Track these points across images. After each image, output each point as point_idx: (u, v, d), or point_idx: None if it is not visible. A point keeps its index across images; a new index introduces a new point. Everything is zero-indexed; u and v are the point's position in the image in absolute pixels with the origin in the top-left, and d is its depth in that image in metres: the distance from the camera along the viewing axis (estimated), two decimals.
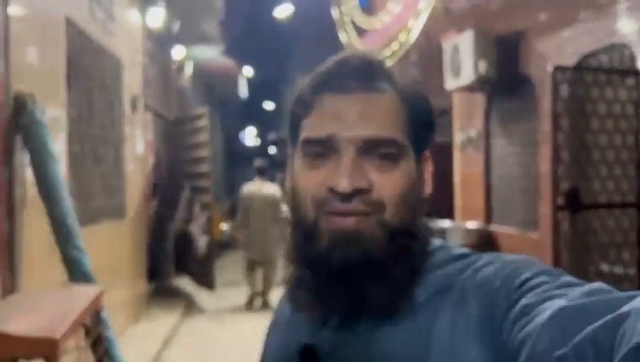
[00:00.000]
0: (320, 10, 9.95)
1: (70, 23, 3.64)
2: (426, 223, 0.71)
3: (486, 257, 0.66)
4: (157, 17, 6.37)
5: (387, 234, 0.64)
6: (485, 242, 5.26)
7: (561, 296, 0.52)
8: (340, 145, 0.64)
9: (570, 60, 3.90)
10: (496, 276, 0.60)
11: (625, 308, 0.45)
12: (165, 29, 6.84)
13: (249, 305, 6.88)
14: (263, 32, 17.44)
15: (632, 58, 3.44)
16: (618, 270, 3.42)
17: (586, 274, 3.41)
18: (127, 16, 5.42)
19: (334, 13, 8.09)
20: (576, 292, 0.51)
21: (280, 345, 0.78)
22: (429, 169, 0.73)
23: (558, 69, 3.31)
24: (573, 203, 3.32)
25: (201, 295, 7.07)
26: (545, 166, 4.17)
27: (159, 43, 7.16)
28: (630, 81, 3.40)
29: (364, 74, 0.67)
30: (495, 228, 5.40)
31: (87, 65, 4.01)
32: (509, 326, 0.54)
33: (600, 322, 0.45)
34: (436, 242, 0.72)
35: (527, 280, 0.57)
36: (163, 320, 5.79)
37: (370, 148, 0.64)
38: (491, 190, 5.56)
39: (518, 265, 0.61)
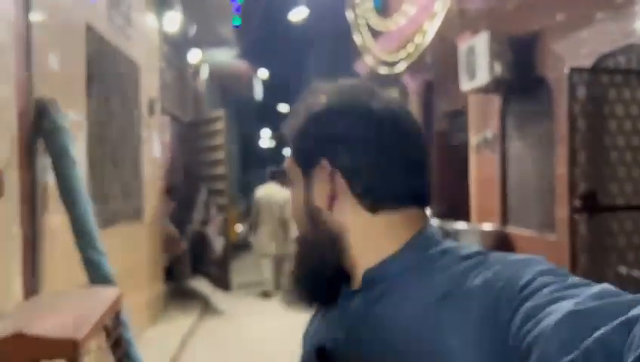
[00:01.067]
0: (334, 13, 9.97)
1: (90, 29, 3.70)
2: (331, 224, 0.78)
3: (491, 258, 0.66)
4: (173, 21, 6.44)
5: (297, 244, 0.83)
6: (501, 244, 5.23)
7: (569, 298, 0.51)
8: None
9: (586, 61, 3.87)
10: (500, 278, 0.60)
11: (635, 312, 0.45)
12: (181, 32, 6.91)
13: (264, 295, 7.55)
14: (278, 35, 17.50)
15: None
16: (636, 273, 3.39)
17: (603, 277, 3.38)
18: (144, 21, 5.49)
19: (349, 15, 8.10)
20: (584, 295, 0.51)
21: (306, 346, 0.83)
22: (324, 174, 0.77)
23: (575, 70, 3.29)
24: (590, 205, 3.29)
25: (217, 296, 7.12)
26: (561, 167, 4.14)
27: (175, 47, 7.23)
28: None
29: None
30: (511, 229, 5.37)
31: (106, 70, 4.07)
32: (514, 329, 0.54)
33: (610, 326, 0.45)
34: (447, 243, 0.73)
35: (531, 281, 0.57)
36: (180, 322, 5.84)
37: None
38: (507, 191, 5.53)
39: (522, 265, 0.61)
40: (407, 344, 0.64)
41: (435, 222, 5.42)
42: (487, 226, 5.49)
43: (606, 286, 0.53)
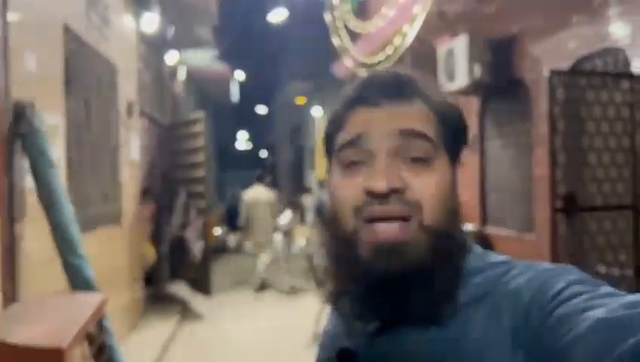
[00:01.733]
0: (313, 15, 9.97)
1: (67, 30, 3.63)
2: (462, 228, 0.71)
3: (520, 265, 0.66)
4: (151, 22, 6.36)
5: (428, 237, 0.64)
6: (481, 244, 5.28)
7: (601, 307, 0.51)
8: (373, 147, 0.66)
9: (563, 64, 3.94)
10: (531, 285, 0.61)
11: None
12: (159, 34, 6.82)
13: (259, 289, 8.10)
14: (257, 37, 17.44)
15: (626, 61, 3.48)
16: (615, 272, 3.45)
17: None
18: (121, 22, 5.41)
19: (327, 17, 8.11)
20: (616, 304, 0.51)
21: (325, 353, 0.79)
22: (461, 175, 0.74)
23: (555, 72, 3.34)
24: (570, 205, 3.34)
25: (197, 300, 7.05)
26: (540, 168, 4.20)
27: (153, 48, 7.14)
28: (625, 84, 3.43)
29: (394, 88, 0.69)
30: (490, 229, 5.43)
31: (83, 72, 4.00)
32: (545, 336, 0.54)
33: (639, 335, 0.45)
34: (475, 247, 0.73)
35: (563, 289, 0.57)
36: (160, 327, 5.76)
37: (402, 148, 0.66)
38: (486, 192, 5.59)
39: (553, 273, 0.61)
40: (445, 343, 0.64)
41: None
42: (467, 226, 5.54)
43: (639, 295, 0.53)
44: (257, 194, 8.19)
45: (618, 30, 3.55)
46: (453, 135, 0.70)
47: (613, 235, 3.47)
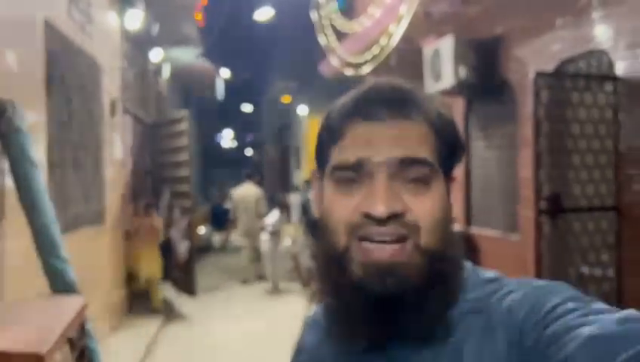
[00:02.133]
0: (300, 14, 9.94)
1: (48, 25, 3.56)
2: (459, 246, 0.70)
3: (514, 282, 0.66)
4: (135, 19, 6.28)
5: (424, 259, 0.63)
6: (465, 245, 5.31)
7: (593, 323, 0.51)
8: (372, 170, 0.64)
9: (548, 66, 3.97)
10: (524, 302, 0.60)
11: None
12: (143, 31, 6.75)
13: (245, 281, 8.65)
14: (242, 35, 17.34)
15: (610, 64, 3.51)
16: (597, 272, 3.49)
17: (566, 277, 3.47)
18: (105, 19, 5.34)
19: (313, 16, 8.08)
20: (608, 320, 0.51)
21: None
22: (453, 188, 0.73)
23: (540, 74, 3.36)
24: (555, 207, 3.37)
25: (181, 301, 6.99)
26: (525, 169, 4.22)
27: (137, 45, 7.06)
28: (608, 86, 3.46)
29: (394, 102, 0.67)
30: (475, 230, 5.46)
31: (66, 69, 3.93)
32: (539, 353, 0.54)
33: (633, 350, 0.46)
34: (466, 265, 0.72)
35: (556, 306, 0.57)
36: (144, 328, 5.71)
37: (402, 171, 0.64)
38: (471, 192, 5.62)
39: (546, 291, 0.61)
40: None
41: None
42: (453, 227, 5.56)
43: (631, 311, 0.53)
44: (246, 191, 8.71)
45: (601, 33, 3.58)
46: (449, 151, 0.69)
47: (596, 236, 3.51)
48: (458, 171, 0.76)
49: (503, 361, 0.59)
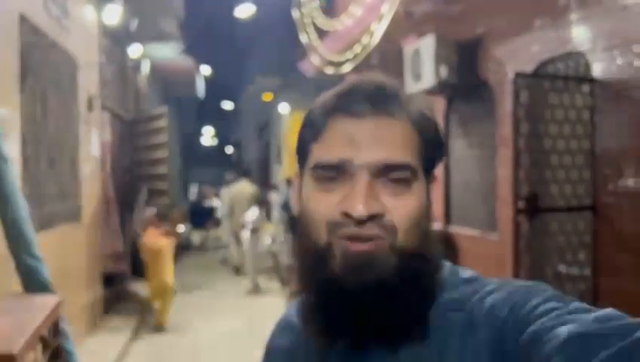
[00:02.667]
0: (281, 11, 9.91)
1: (24, 20, 3.49)
2: (436, 246, 0.70)
3: (495, 282, 0.66)
4: (113, 14, 6.19)
5: (399, 258, 0.63)
6: (445, 243, 5.34)
7: (572, 322, 0.52)
8: (354, 171, 0.63)
9: (526, 67, 4.01)
10: (505, 302, 0.60)
11: (636, 335, 0.46)
12: (122, 26, 6.65)
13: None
14: (223, 32, 17.23)
15: (587, 66, 3.56)
16: (574, 271, 3.53)
17: (544, 276, 3.51)
18: (82, 13, 5.25)
19: (295, 14, 8.06)
20: (587, 319, 0.52)
21: None
22: (435, 189, 0.73)
23: (519, 75, 3.39)
24: (533, 206, 3.40)
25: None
26: (503, 169, 4.26)
27: (116, 41, 6.96)
28: (585, 87, 3.51)
29: (376, 99, 0.66)
30: (454, 229, 5.49)
31: (41, 64, 3.85)
32: (520, 352, 0.54)
33: (612, 349, 0.46)
34: (445, 264, 0.72)
35: (537, 306, 0.57)
36: (121, 327, 5.63)
37: (383, 171, 0.64)
38: (450, 191, 5.65)
39: (527, 291, 0.61)
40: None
41: None
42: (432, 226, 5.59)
43: (609, 310, 0.53)
44: (242, 188, 9.25)
45: (579, 35, 3.62)
46: (431, 151, 0.69)
47: (573, 235, 3.55)
48: (438, 170, 0.75)
49: (485, 360, 0.58)
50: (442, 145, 0.72)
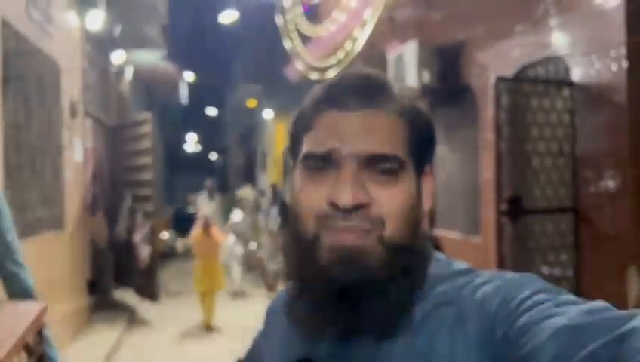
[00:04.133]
0: (265, 17, 9.93)
1: (5, 24, 3.46)
2: (425, 238, 0.71)
3: (485, 274, 0.66)
4: (96, 20, 6.15)
5: (387, 250, 0.63)
6: (432, 246, 5.37)
7: (562, 315, 0.52)
8: (341, 161, 0.64)
9: (508, 71, 4.07)
10: (496, 294, 0.60)
11: (625, 327, 0.47)
12: (105, 32, 6.61)
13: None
14: (206, 37, 17.19)
15: (566, 70, 3.63)
16: (557, 272, 3.58)
17: None
18: (65, 19, 5.21)
19: (279, 20, 8.08)
20: (576, 311, 0.52)
21: (280, 353, 0.76)
22: (430, 183, 0.74)
23: (500, 79, 3.45)
24: (515, 209, 3.45)
25: (144, 306, 6.86)
26: (486, 172, 4.31)
27: (99, 46, 6.92)
28: (565, 91, 3.57)
29: (365, 91, 0.67)
30: (439, 232, 5.53)
31: (23, 69, 3.82)
32: (509, 344, 0.54)
33: (600, 341, 0.47)
34: (436, 256, 0.72)
35: (527, 298, 0.57)
36: (105, 334, 5.57)
37: (370, 162, 0.64)
38: (435, 195, 5.70)
39: (518, 283, 0.61)
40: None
41: None
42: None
43: (598, 302, 0.54)
44: (246, 194, 10.28)
45: (558, 40, 3.69)
46: (421, 144, 0.70)
47: (555, 237, 3.60)
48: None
49: (475, 352, 0.59)
50: (434, 138, 0.73)
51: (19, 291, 2.45)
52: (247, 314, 6.89)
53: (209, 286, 6.46)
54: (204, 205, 9.75)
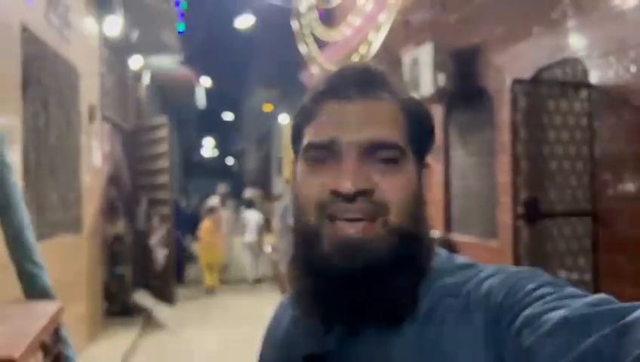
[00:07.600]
0: (280, 22, 9.97)
1: (25, 29, 3.52)
2: (428, 229, 0.71)
3: (490, 268, 0.66)
4: (114, 25, 6.23)
5: (392, 237, 0.64)
6: (447, 250, 5.32)
7: (565, 307, 0.52)
8: (342, 149, 0.65)
9: (525, 73, 4.03)
10: (501, 288, 0.61)
11: (628, 319, 0.47)
12: (123, 37, 6.70)
13: None
14: (223, 43, 17.32)
15: (584, 72, 3.59)
16: (575, 276, 3.53)
17: None
18: (83, 24, 5.29)
19: (294, 24, 8.11)
20: (579, 303, 0.52)
21: (281, 356, 0.76)
22: (429, 176, 0.74)
23: (517, 81, 3.42)
24: (532, 212, 3.41)
25: (160, 309, 6.90)
26: (503, 175, 4.28)
27: (116, 52, 7.01)
28: (583, 93, 3.53)
29: (364, 82, 0.68)
30: (455, 236, 5.49)
31: (43, 74, 3.88)
32: (513, 337, 0.55)
33: (603, 332, 0.47)
34: (439, 251, 0.73)
35: (532, 291, 0.57)
36: (121, 337, 5.62)
37: (371, 151, 0.65)
38: (451, 199, 5.66)
39: (523, 276, 0.61)
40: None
41: None
42: (432, 233, 5.59)
43: (602, 295, 0.54)
44: (252, 195, 10.57)
45: (576, 41, 3.65)
46: (420, 134, 0.71)
47: (572, 241, 3.56)
48: (434, 163, 0.77)
49: (480, 344, 0.59)
50: (432, 129, 0.73)
51: (37, 291, 2.48)
52: (261, 318, 6.91)
53: (212, 259, 8.68)
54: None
